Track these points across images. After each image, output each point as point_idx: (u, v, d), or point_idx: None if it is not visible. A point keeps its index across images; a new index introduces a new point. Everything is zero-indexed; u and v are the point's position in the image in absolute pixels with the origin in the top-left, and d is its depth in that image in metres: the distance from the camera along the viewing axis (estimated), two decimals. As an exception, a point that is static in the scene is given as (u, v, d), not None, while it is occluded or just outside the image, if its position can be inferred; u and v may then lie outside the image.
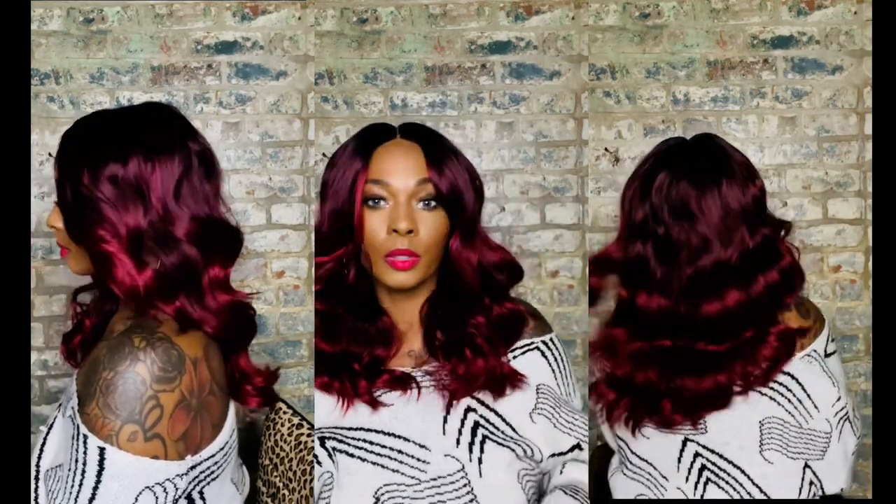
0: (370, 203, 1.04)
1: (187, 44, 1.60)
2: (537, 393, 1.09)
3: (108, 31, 1.59)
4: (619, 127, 1.65)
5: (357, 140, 1.09)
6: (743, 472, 1.08)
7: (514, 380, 1.08)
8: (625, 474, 1.18)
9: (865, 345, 1.67)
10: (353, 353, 1.06)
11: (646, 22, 1.64)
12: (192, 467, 0.85)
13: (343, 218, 1.05)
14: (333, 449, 1.03)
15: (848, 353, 1.68)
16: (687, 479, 1.11)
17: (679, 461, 1.11)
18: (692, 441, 1.10)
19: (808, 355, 1.06)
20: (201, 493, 0.89)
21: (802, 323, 1.07)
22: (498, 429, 1.06)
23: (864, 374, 1.66)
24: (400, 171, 1.03)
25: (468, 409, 1.06)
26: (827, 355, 1.09)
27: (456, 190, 1.05)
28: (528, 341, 1.13)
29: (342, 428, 1.04)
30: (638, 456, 1.16)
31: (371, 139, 1.08)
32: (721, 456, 1.09)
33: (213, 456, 0.89)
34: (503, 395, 1.07)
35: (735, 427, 1.07)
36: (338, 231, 1.05)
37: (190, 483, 0.86)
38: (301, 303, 1.64)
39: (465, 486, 1.02)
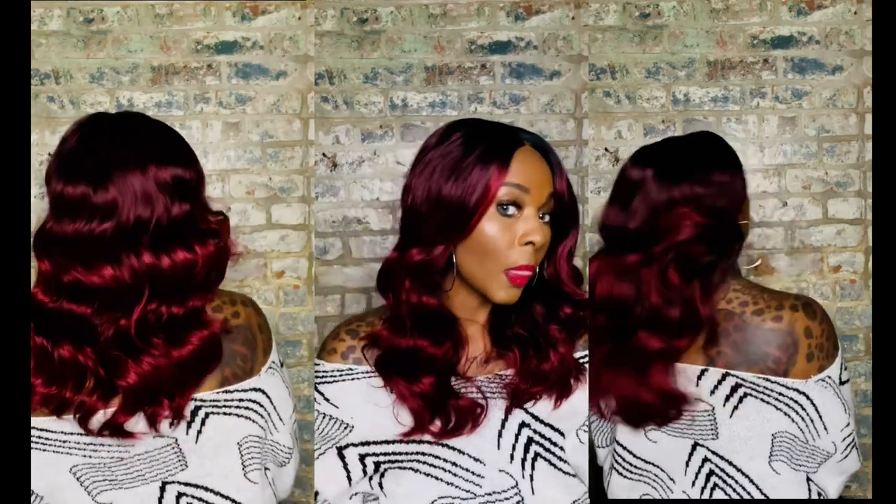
0: (501, 209, 0.97)
1: (187, 44, 1.60)
2: (589, 409, 1.09)
3: (108, 31, 1.59)
4: (619, 127, 1.65)
5: (486, 140, 1.00)
6: (751, 480, 1.08)
7: (577, 373, 1.06)
8: (623, 476, 1.18)
9: (865, 345, 1.67)
10: (430, 354, 1.00)
11: (646, 22, 1.64)
12: None
13: (457, 220, 0.98)
14: (379, 463, 1.01)
15: (848, 354, 1.68)
16: (694, 482, 1.11)
17: (687, 465, 1.12)
18: (702, 446, 1.11)
19: (823, 380, 1.06)
20: None
21: (808, 323, 1.07)
22: (552, 442, 1.05)
23: (864, 374, 1.66)
24: (538, 181, 0.99)
25: (522, 424, 1.04)
26: (841, 383, 1.09)
27: (574, 201, 1.04)
28: (583, 353, 1.10)
29: (390, 441, 1.01)
30: (642, 459, 1.16)
31: (509, 143, 1.00)
32: (730, 463, 1.09)
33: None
34: (568, 394, 1.05)
35: (747, 437, 1.08)
36: (440, 234, 0.99)
37: None
38: (301, 303, 1.64)
39: (518, 502, 1.01)
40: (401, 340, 1.01)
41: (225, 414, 1.00)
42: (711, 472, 1.10)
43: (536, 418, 1.04)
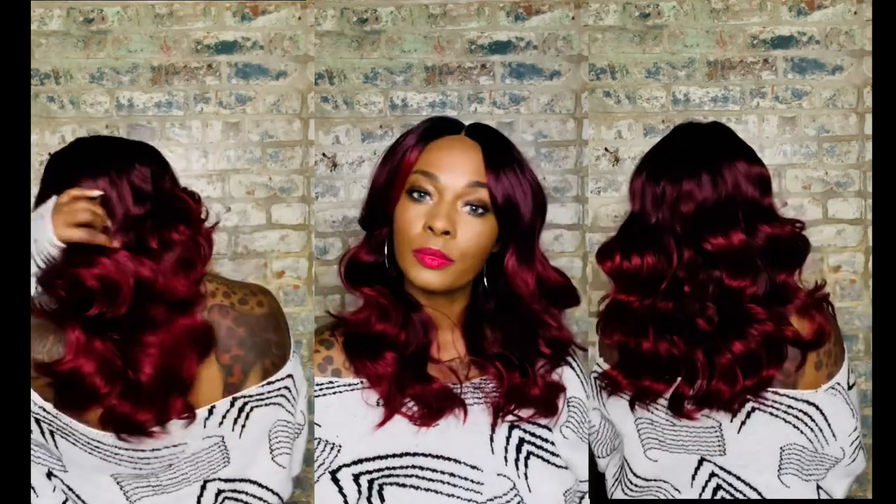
0: (414, 195, 0.97)
1: (187, 44, 1.60)
2: (568, 406, 1.07)
3: (108, 31, 1.59)
4: (619, 127, 1.65)
5: (418, 129, 1.02)
6: (760, 494, 1.07)
7: (562, 392, 1.05)
8: (626, 493, 1.17)
9: (865, 345, 1.67)
10: (399, 338, 0.99)
11: (646, 22, 1.64)
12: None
13: (379, 202, 1.01)
14: (373, 480, 0.97)
15: (848, 353, 1.67)
16: (701, 495, 1.10)
17: (693, 479, 1.10)
18: (709, 461, 1.09)
19: (833, 388, 1.05)
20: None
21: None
22: (543, 438, 1.04)
23: (865, 374, 1.66)
24: (453, 168, 0.97)
25: (512, 426, 1.02)
26: (850, 387, 1.07)
27: (511, 200, 0.97)
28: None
29: (383, 457, 0.97)
30: (643, 478, 1.14)
31: (433, 130, 1.01)
32: (738, 478, 1.07)
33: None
34: (556, 411, 1.03)
35: (755, 451, 1.06)
36: (373, 216, 1.02)
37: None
38: (301, 303, 1.64)
39: (518, 503, 0.99)
40: (359, 317, 1.00)
41: (266, 405, 1.01)
42: (719, 487, 1.08)
43: (527, 420, 1.03)
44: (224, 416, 0.98)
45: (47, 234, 0.92)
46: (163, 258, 0.95)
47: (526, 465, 1.01)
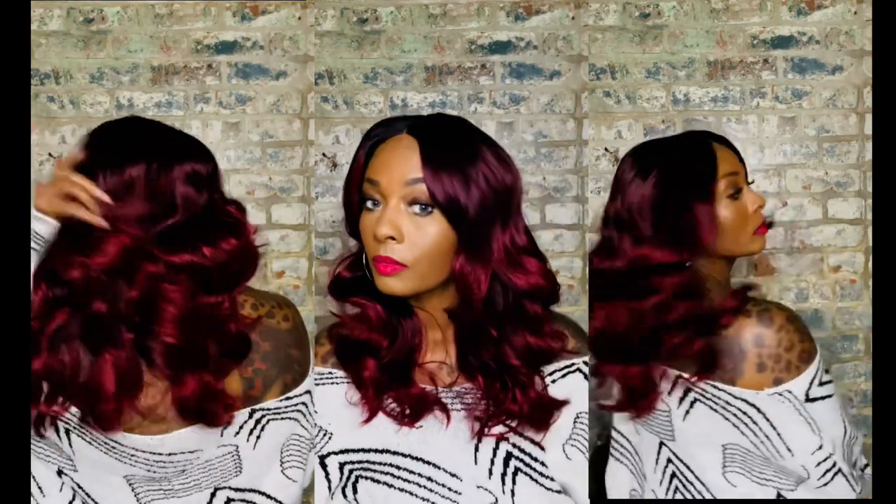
0: (367, 204, 0.94)
1: (187, 44, 1.60)
2: (575, 421, 1.00)
3: (108, 31, 1.59)
4: (619, 127, 1.65)
5: (366, 136, 0.99)
6: (708, 489, 1.06)
7: (558, 409, 0.99)
8: (613, 456, 1.18)
9: (865, 345, 1.67)
10: (381, 345, 0.99)
11: (646, 22, 1.64)
12: None
13: (346, 214, 1.00)
14: (353, 470, 0.98)
15: (848, 353, 1.68)
16: (661, 482, 1.11)
17: (656, 462, 1.11)
18: (666, 446, 1.09)
19: (780, 394, 0.99)
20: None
21: (759, 331, 0.99)
22: (532, 457, 0.98)
23: (864, 374, 1.66)
24: (390, 170, 0.92)
25: (500, 438, 0.97)
26: (809, 400, 1.00)
27: (451, 196, 0.91)
28: (568, 362, 1.01)
29: (366, 450, 0.98)
30: (626, 437, 1.16)
31: (379, 135, 0.98)
32: (688, 467, 1.08)
33: None
34: (547, 428, 0.98)
35: (700, 444, 1.05)
36: (349, 227, 1.01)
37: None
38: (301, 303, 1.64)
39: None
40: (353, 320, 1.01)
41: (282, 419, 1.01)
42: (674, 475, 1.09)
43: (515, 431, 0.98)
44: (241, 427, 0.98)
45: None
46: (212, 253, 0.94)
47: (513, 482, 0.97)
